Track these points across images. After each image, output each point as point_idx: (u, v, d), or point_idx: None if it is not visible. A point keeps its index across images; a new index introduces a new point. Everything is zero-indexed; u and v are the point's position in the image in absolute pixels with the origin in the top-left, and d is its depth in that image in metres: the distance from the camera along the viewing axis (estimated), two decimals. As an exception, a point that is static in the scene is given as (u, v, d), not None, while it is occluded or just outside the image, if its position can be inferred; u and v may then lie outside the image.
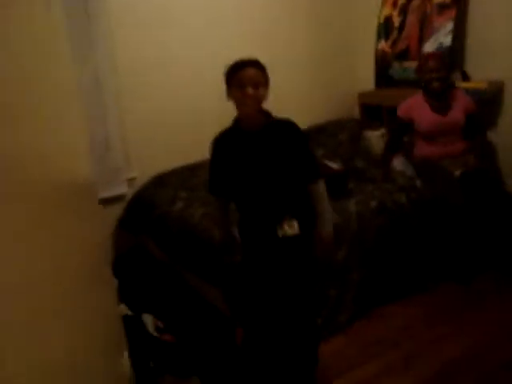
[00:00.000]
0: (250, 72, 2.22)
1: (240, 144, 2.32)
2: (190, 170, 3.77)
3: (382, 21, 4.45)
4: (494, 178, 3.65)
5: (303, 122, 4.23)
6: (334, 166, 3.75)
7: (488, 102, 3.73)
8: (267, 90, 2.28)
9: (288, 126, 2.33)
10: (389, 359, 2.70)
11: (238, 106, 2.27)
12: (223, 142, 2.38)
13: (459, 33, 3.86)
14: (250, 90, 2.20)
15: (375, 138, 4.25)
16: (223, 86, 2.30)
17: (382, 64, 4.49)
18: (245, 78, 2.21)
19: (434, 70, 3.48)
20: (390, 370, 2.61)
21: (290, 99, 4.21)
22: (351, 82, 4.73)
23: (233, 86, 2.24)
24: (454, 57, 3.89)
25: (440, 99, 3.57)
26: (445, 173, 3.51)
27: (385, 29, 4.43)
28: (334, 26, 4.56)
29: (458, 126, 3.60)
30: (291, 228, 2.30)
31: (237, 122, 2.36)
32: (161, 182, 3.68)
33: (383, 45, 4.45)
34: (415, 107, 3.62)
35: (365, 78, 4.64)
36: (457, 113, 3.58)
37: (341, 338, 2.88)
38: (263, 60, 2.34)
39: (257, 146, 2.29)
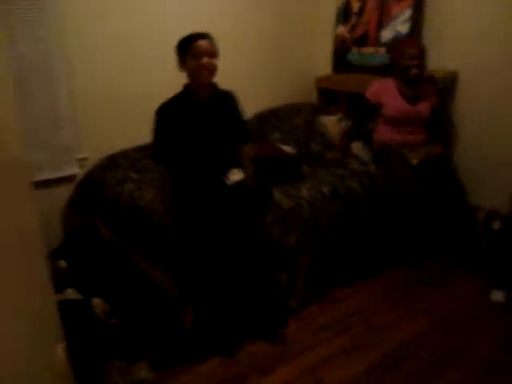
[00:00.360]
0: (205, 43, 2.44)
1: (191, 111, 2.52)
2: (141, 152, 3.70)
3: (340, 5, 4.44)
4: (451, 165, 3.71)
5: (260, 105, 4.25)
6: (288, 150, 3.74)
7: (443, 91, 3.76)
8: (218, 62, 2.51)
9: (230, 96, 2.71)
10: (339, 343, 2.74)
11: (194, 75, 2.47)
12: (172, 110, 2.52)
13: (416, 21, 3.88)
14: (206, 60, 2.42)
15: (331, 122, 4.23)
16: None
17: (341, 49, 4.49)
18: (201, 48, 2.42)
19: (414, 56, 3.44)
20: (341, 354, 2.65)
21: (248, 82, 4.18)
22: (309, 67, 4.71)
23: (188, 57, 2.43)
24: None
25: (413, 88, 3.56)
26: (402, 160, 3.53)
27: (344, 14, 4.42)
28: (293, 10, 4.49)
29: (424, 119, 3.62)
30: (236, 175, 2.70)
31: (187, 91, 2.53)
32: (112, 162, 3.60)
33: (342, 30, 4.44)
34: (385, 92, 3.60)
35: (323, 62, 4.63)
36: (425, 105, 3.60)
37: (292, 322, 2.89)
38: (221, 44, 2.37)
39: (207, 114, 2.54)
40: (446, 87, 3.76)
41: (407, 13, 3.89)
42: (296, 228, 2.99)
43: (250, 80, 4.26)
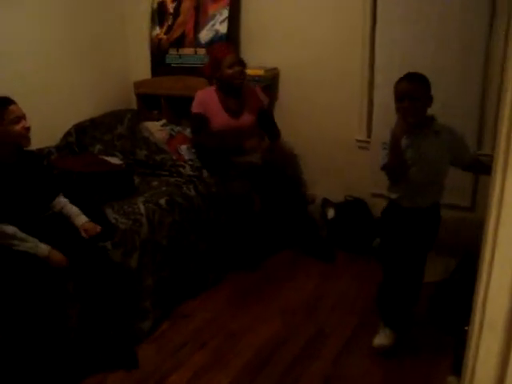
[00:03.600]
0: (17, 107, 2.41)
1: (5, 174, 2.42)
2: None
3: (155, 7, 4.26)
4: (277, 167, 3.71)
5: (79, 116, 3.95)
6: (116, 161, 3.52)
7: (265, 89, 3.80)
8: None
9: (37, 157, 2.74)
10: (200, 359, 2.63)
11: (19, 140, 2.43)
12: None
13: (234, 20, 3.87)
14: (27, 123, 2.42)
15: (156, 128, 4.07)
16: None
17: (158, 52, 4.31)
18: (17, 112, 2.39)
19: (235, 63, 3.31)
20: (204, 371, 2.54)
21: (63, 93, 3.89)
22: (127, 72, 4.48)
23: (6, 124, 2.35)
24: (230, 44, 3.89)
25: (236, 97, 3.44)
26: (229, 164, 3.51)
27: (158, 15, 4.25)
28: (105, 14, 4.23)
29: (249, 129, 3.52)
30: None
31: None
32: None
33: (158, 32, 4.28)
34: (209, 103, 3.42)
35: (141, 66, 4.43)
36: (249, 114, 3.50)
37: (147, 346, 2.73)
38: (27, 51, 2.11)
39: (19, 174, 2.49)
40: (269, 85, 3.81)
41: (224, 12, 3.86)
42: (135, 250, 2.81)
43: (65, 89, 3.93)
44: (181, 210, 3.15)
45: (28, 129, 2.44)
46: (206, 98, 3.44)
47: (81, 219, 2.63)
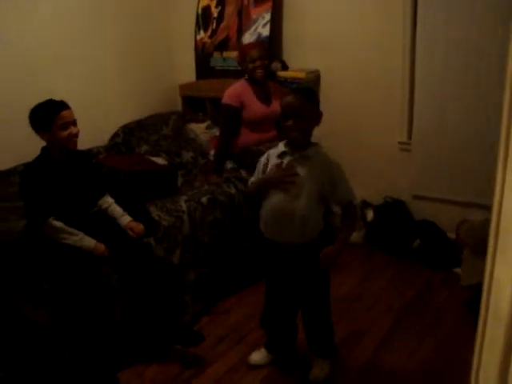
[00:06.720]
0: (69, 113, 2.51)
1: (56, 173, 2.57)
2: (1, 178, 3.36)
3: (200, 11, 4.38)
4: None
5: (126, 117, 4.09)
6: (160, 162, 3.63)
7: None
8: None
9: (86, 155, 2.88)
10: (238, 353, 2.69)
11: (64, 144, 2.52)
12: (38, 173, 2.52)
13: (276, 24, 3.95)
14: (74, 129, 2.52)
15: (200, 130, 4.18)
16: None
17: (203, 55, 4.43)
18: (67, 118, 2.49)
19: (257, 58, 3.48)
20: (242, 364, 2.60)
21: (111, 94, 4.03)
22: (173, 75, 4.62)
23: (55, 128, 2.46)
24: (272, 47, 3.98)
25: (263, 88, 3.60)
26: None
27: (203, 19, 4.37)
28: (152, 19, 4.40)
29: (277, 117, 3.63)
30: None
31: (48, 153, 2.57)
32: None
33: (202, 36, 4.39)
34: (244, 94, 3.56)
35: (186, 69, 4.55)
36: (276, 104, 3.60)
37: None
38: (78, 56, 2.20)
39: (70, 173, 2.62)
40: (310, 85, 3.84)
41: (267, 16, 3.95)
42: (178, 245, 2.91)
43: (113, 92, 4.09)
44: (222, 208, 3.22)
45: (75, 135, 2.54)
46: (242, 90, 3.58)
47: (125, 219, 2.72)
